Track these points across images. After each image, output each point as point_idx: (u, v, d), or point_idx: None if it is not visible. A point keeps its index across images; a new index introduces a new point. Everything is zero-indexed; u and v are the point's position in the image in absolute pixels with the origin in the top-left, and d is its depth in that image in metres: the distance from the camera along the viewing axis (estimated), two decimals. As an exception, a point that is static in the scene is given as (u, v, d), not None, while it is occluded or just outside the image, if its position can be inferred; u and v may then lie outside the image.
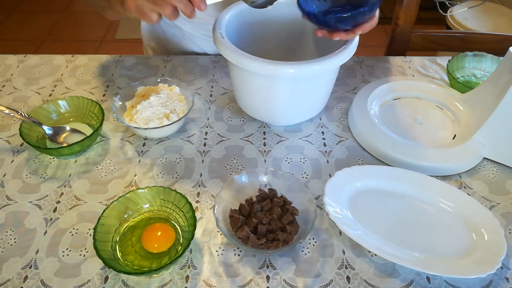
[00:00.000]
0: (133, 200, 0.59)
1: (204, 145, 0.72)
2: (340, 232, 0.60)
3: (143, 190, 0.59)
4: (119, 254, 0.55)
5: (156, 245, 0.56)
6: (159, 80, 0.77)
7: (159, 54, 1.01)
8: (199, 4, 0.57)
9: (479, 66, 0.85)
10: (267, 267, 0.56)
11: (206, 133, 0.75)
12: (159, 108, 0.70)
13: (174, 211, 0.60)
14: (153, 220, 0.60)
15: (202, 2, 0.57)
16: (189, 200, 0.57)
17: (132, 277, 0.54)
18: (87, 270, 0.55)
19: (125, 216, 0.59)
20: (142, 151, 0.71)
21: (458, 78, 0.83)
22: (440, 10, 1.66)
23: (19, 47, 2.45)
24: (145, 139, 0.73)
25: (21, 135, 0.67)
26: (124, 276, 0.54)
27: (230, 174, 0.67)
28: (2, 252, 0.57)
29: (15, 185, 0.65)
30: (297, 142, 0.73)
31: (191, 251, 0.57)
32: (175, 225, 0.59)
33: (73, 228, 0.60)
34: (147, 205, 0.60)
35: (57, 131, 0.71)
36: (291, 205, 0.61)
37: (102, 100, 0.81)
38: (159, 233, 0.57)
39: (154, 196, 0.60)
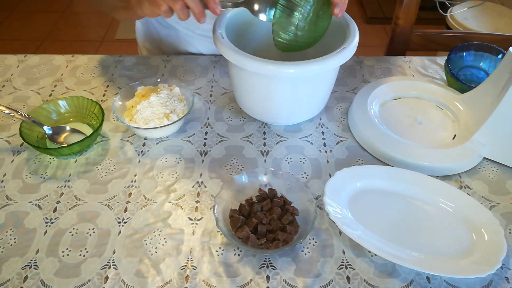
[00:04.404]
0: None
1: (204, 145, 0.72)
2: (340, 232, 0.60)
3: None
4: None
5: None
6: (159, 80, 0.77)
7: (154, 55, 1.01)
8: (213, 8, 0.58)
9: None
10: (267, 267, 0.56)
11: (206, 133, 0.75)
12: (159, 108, 0.70)
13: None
14: None
15: (216, 6, 0.58)
16: None
17: (133, 277, 0.54)
18: (87, 270, 0.55)
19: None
20: (142, 151, 0.71)
21: (456, 75, 0.83)
22: (440, 10, 1.66)
23: (19, 47, 2.45)
24: (145, 139, 0.73)
25: (21, 135, 0.67)
26: (124, 276, 0.54)
27: (230, 174, 0.67)
28: (2, 252, 0.57)
29: (15, 185, 0.65)
30: (297, 142, 0.73)
31: (191, 251, 0.57)
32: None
33: (73, 228, 0.60)
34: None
35: (57, 131, 0.71)
36: (291, 205, 0.60)
37: (102, 100, 0.81)
38: None
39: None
